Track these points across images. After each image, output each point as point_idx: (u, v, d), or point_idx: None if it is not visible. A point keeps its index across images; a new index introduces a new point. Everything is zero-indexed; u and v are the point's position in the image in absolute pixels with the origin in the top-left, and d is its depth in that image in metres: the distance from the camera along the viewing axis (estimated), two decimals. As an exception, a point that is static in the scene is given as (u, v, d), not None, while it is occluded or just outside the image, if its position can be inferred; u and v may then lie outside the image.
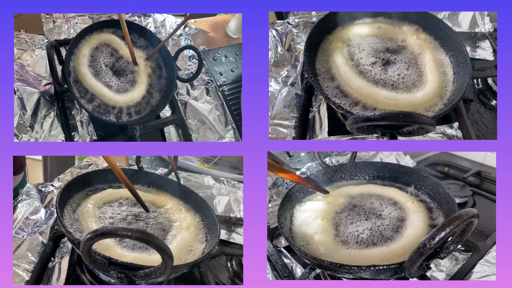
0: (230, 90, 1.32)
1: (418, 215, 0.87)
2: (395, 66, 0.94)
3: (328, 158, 1.32)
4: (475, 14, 1.13)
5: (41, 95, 1.04)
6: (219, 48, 1.39)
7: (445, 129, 0.97)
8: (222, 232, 1.09)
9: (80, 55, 1.03)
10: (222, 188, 1.28)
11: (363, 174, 1.03)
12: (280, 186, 1.21)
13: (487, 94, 1.08)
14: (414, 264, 0.69)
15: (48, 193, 1.10)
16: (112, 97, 1.02)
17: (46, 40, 1.14)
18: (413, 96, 0.89)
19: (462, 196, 1.25)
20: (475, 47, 1.10)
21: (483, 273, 0.89)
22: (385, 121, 0.72)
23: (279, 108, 1.02)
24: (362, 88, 0.89)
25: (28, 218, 1.00)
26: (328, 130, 0.97)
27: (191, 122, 1.20)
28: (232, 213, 1.20)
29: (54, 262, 0.91)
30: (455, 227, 0.65)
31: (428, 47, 0.96)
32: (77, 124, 1.07)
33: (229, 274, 1.02)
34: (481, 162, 1.49)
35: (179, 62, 1.26)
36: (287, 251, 0.97)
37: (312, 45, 0.96)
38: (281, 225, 0.86)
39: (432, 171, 1.45)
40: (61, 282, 0.87)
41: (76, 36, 1.04)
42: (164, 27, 1.31)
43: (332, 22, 1.00)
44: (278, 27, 1.13)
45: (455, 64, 0.95)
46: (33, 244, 0.93)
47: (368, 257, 0.79)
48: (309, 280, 0.85)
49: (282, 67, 1.08)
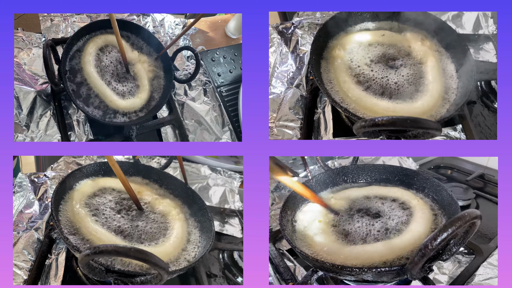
0: (227, 91, 1.32)
1: (423, 212, 0.87)
2: (396, 74, 0.94)
3: (331, 161, 1.32)
4: (479, 16, 1.13)
5: (38, 94, 1.04)
6: (217, 49, 1.38)
7: (449, 131, 0.98)
8: (216, 223, 1.11)
9: (87, 54, 1.02)
10: (218, 178, 1.26)
11: (366, 177, 1.02)
12: (282, 189, 1.21)
13: (490, 96, 1.07)
14: (416, 266, 0.68)
15: (41, 184, 1.08)
16: (114, 100, 1.02)
17: (43, 38, 1.13)
18: (412, 106, 0.89)
19: (465, 199, 1.24)
20: (478, 49, 1.10)
21: (486, 275, 0.89)
22: (393, 127, 0.73)
23: (285, 110, 1.02)
24: (361, 99, 0.90)
25: (23, 212, 0.98)
26: (333, 131, 0.98)
27: (188, 122, 1.19)
28: (226, 204, 1.20)
29: (51, 259, 0.91)
30: (457, 228, 0.64)
31: (432, 54, 0.96)
32: (73, 123, 1.07)
33: (220, 266, 1.03)
34: (484, 165, 1.48)
35: (177, 62, 1.25)
36: (290, 254, 0.96)
37: (317, 48, 0.97)
38: (283, 227, 0.86)
39: (435, 174, 1.44)
40: (58, 279, 0.87)
41: (73, 36, 1.03)
42: (163, 26, 1.30)
43: (336, 26, 1.01)
44: (282, 28, 1.13)
45: (459, 67, 0.96)
46: (29, 242, 0.92)
47: (371, 253, 0.78)
48: (311, 285, 0.84)
49: (287, 68, 1.08)
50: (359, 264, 0.77)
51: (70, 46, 1.03)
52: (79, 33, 1.05)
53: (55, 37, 1.14)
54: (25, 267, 0.88)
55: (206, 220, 0.99)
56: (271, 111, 1.03)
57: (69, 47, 1.03)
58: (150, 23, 1.28)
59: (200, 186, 1.21)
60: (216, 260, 1.04)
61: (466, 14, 1.13)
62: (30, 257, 0.90)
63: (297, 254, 0.90)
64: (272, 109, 1.03)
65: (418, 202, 0.90)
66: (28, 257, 0.90)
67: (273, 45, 1.10)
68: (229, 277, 1.03)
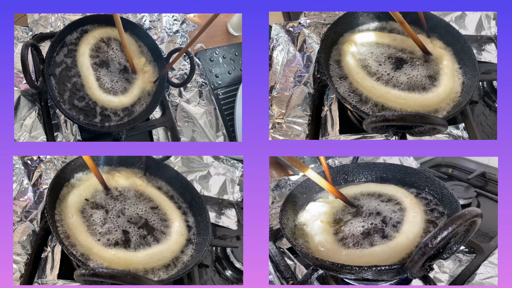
0: (224, 94, 1.28)
1: (415, 211, 0.87)
2: (407, 69, 0.96)
3: (331, 159, 1.32)
4: (481, 17, 1.14)
5: (22, 94, 0.99)
6: (217, 48, 1.33)
7: (451, 129, 0.98)
8: (212, 215, 1.11)
9: (83, 46, 1.01)
10: (220, 166, 1.23)
11: (366, 175, 1.02)
12: (283, 188, 1.22)
13: (492, 96, 1.08)
14: (416, 264, 0.68)
15: (35, 168, 1.02)
16: (98, 94, 0.99)
17: (30, 32, 1.06)
18: (423, 97, 0.91)
19: (466, 198, 1.24)
20: (480, 50, 1.10)
21: (486, 274, 0.88)
22: (402, 122, 0.77)
23: (293, 107, 1.04)
24: (373, 87, 0.92)
25: (17, 200, 0.96)
26: (340, 128, 1.00)
27: (180, 125, 1.16)
28: (226, 195, 1.20)
29: (47, 252, 0.90)
30: (457, 226, 0.64)
31: (447, 54, 0.98)
32: (61, 123, 1.03)
33: (212, 258, 1.05)
34: (485, 163, 1.48)
35: None
36: (290, 252, 0.96)
37: (326, 47, 0.99)
38: (283, 226, 0.86)
39: (436, 172, 1.44)
40: (55, 272, 0.87)
41: (60, 32, 0.99)
42: (160, 21, 1.23)
43: (346, 25, 1.03)
44: (290, 27, 1.14)
45: (463, 67, 0.97)
46: (25, 234, 0.91)
47: (369, 256, 0.78)
48: (311, 283, 0.84)
49: (295, 67, 1.09)
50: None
51: (57, 44, 0.98)
52: (67, 31, 1.00)
53: (43, 31, 1.08)
54: (21, 261, 0.87)
55: (203, 220, 1.00)
56: (279, 108, 1.04)
57: (55, 46, 0.98)
58: (147, 17, 1.22)
59: (200, 175, 1.19)
60: (208, 253, 1.05)
61: (469, 16, 1.14)
62: (26, 251, 0.89)
63: (297, 253, 0.90)
64: (280, 106, 1.05)
65: (411, 200, 0.91)
66: (23, 250, 0.88)
67: (280, 44, 1.11)
68: (218, 269, 1.04)
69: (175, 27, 1.25)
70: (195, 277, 0.96)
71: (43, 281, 0.86)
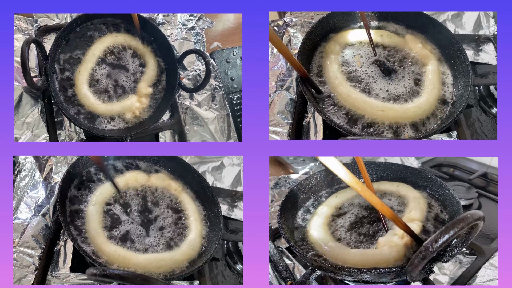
0: (239, 99, 1.19)
1: (418, 201, 0.89)
2: (392, 75, 0.93)
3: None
4: (480, 15, 1.10)
5: (24, 91, 0.97)
6: (235, 48, 1.21)
7: (443, 138, 0.96)
8: (224, 207, 1.08)
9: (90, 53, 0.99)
10: (234, 156, 1.15)
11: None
12: (282, 186, 1.21)
13: (488, 101, 1.06)
14: (416, 268, 0.67)
15: (46, 162, 1.01)
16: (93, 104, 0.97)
17: (35, 24, 1.02)
18: (403, 107, 0.88)
19: (468, 198, 1.23)
20: (478, 50, 1.07)
21: (487, 277, 0.88)
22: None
23: (272, 114, 1.00)
24: (350, 96, 0.88)
25: (29, 195, 0.96)
26: (323, 137, 0.97)
27: (189, 128, 1.11)
28: (239, 187, 1.13)
29: (59, 245, 0.92)
30: (459, 230, 0.63)
31: (434, 58, 0.94)
32: (64, 121, 1.00)
33: (223, 252, 1.05)
34: (487, 164, 1.47)
35: (186, 60, 1.12)
36: (289, 252, 0.96)
37: (306, 50, 0.94)
38: (282, 225, 0.86)
39: (437, 172, 1.43)
40: (67, 265, 0.90)
41: (65, 27, 0.96)
42: (174, 15, 1.15)
43: (331, 24, 0.99)
44: (274, 27, 1.09)
45: (456, 72, 0.93)
46: (37, 228, 0.92)
47: (369, 257, 0.78)
48: (310, 284, 0.84)
49: (277, 70, 1.05)
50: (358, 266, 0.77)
51: (61, 40, 0.95)
52: (76, 22, 0.97)
53: (48, 23, 1.03)
54: (35, 255, 0.89)
55: (215, 215, 1.00)
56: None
57: (60, 42, 0.95)
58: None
59: (213, 166, 1.13)
60: (219, 246, 1.04)
61: (466, 14, 1.10)
62: (39, 245, 0.91)
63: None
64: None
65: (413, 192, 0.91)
66: (37, 244, 0.90)
67: (268, 44, 1.05)
68: (229, 263, 1.04)
69: (190, 23, 1.17)
70: (205, 271, 0.96)
71: (57, 274, 0.88)
